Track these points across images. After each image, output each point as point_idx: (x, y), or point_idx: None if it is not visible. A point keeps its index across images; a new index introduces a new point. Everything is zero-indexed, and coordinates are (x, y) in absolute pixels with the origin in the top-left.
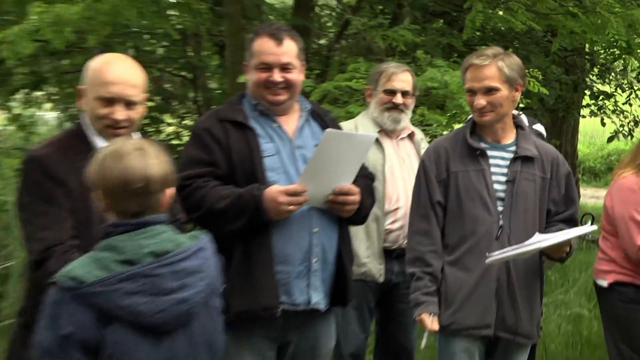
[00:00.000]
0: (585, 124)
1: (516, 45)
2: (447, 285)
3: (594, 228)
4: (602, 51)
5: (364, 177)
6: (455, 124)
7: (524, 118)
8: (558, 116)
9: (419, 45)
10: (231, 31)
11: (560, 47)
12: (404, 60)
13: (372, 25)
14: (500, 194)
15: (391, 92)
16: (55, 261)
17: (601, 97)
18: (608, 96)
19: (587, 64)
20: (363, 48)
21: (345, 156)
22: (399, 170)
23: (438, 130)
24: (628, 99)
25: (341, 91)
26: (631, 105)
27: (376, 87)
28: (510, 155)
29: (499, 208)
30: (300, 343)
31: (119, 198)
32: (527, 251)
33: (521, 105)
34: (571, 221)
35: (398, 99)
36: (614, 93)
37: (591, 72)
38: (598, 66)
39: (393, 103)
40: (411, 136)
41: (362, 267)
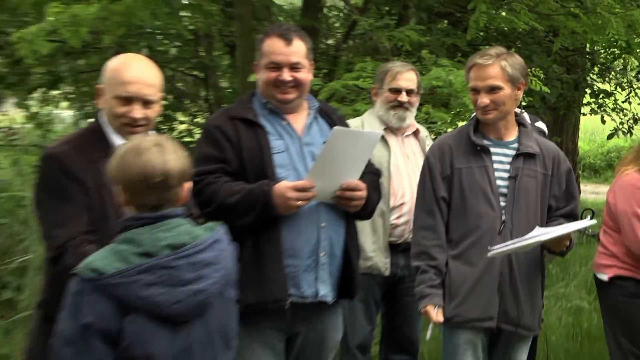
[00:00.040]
0: (585, 122)
1: (519, 45)
2: (451, 278)
3: (594, 222)
4: (603, 51)
5: (371, 174)
6: (459, 122)
7: (526, 116)
8: (559, 114)
9: (424, 45)
10: (242, 32)
11: (561, 47)
12: (410, 59)
13: (379, 25)
14: (502, 190)
15: (396, 91)
16: (70, 255)
17: (601, 96)
18: (608, 94)
19: (588, 63)
20: (370, 48)
21: (352, 153)
22: (404, 166)
23: (442, 127)
24: (627, 97)
25: (348, 90)
26: (630, 103)
27: (382, 86)
28: (512, 152)
29: (502, 204)
30: (308, 335)
31: (139, 192)
32: (528, 244)
33: (523, 103)
34: (572, 216)
35: (403, 97)
36: (614, 91)
37: (592, 71)
38: (598, 65)
39: (398, 101)
40: (416, 133)
41: (369, 261)
